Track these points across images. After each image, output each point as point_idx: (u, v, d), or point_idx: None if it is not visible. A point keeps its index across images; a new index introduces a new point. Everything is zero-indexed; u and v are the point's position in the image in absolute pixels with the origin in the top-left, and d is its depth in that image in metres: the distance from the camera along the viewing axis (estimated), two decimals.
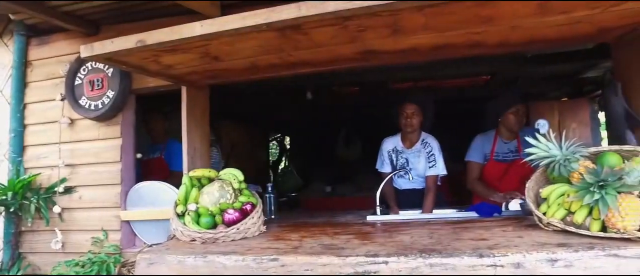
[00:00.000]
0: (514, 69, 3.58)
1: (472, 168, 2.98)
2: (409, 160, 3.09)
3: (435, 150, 3.04)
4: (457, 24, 1.74)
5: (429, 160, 3.04)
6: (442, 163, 3.04)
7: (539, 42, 2.04)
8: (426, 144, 3.08)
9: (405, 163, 3.08)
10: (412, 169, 3.04)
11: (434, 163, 3.02)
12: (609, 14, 1.71)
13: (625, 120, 2.05)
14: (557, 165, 1.84)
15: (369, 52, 2.07)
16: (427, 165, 3.04)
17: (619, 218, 1.61)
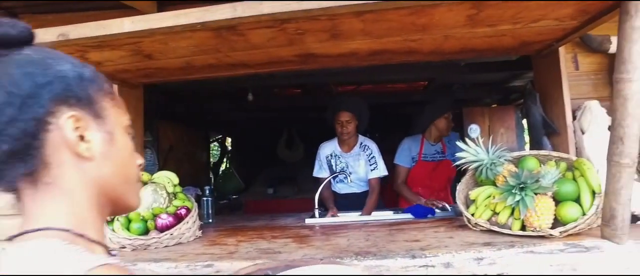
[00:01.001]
0: (450, 75, 3.75)
1: (400, 172, 3.11)
2: (349, 164, 3.14)
3: (375, 153, 3.12)
4: (394, 31, 1.79)
5: (370, 163, 3.11)
6: (383, 164, 3.13)
7: (470, 51, 2.15)
8: (365, 147, 3.15)
9: (345, 168, 3.13)
10: (353, 173, 3.10)
11: (375, 165, 3.10)
12: (529, 30, 1.84)
13: (542, 127, 2.21)
14: (484, 168, 1.95)
15: (308, 55, 2.07)
16: (369, 168, 3.11)
17: (535, 217, 1.73)
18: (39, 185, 0.55)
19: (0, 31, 0.55)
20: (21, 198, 0.56)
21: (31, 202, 0.55)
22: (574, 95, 2.21)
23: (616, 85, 1.54)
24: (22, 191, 0.55)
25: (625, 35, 1.48)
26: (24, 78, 0.54)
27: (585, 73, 2.30)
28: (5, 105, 0.53)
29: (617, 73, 1.52)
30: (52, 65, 0.57)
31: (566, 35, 1.95)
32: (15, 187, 0.55)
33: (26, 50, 0.58)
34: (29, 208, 0.55)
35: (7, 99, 0.53)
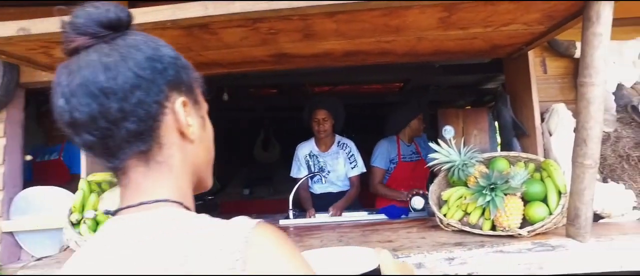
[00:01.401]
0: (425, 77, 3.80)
1: (377, 173, 3.14)
2: (327, 163, 3.14)
3: (354, 151, 3.17)
4: (368, 32, 1.79)
5: (350, 161, 3.15)
6: (362, 162, 3.19)
7: (443, 53, 2.17)
8: (344, 145, 3.17)
9: (324, 167, 3.13)
10: (331, 172, 3.11)
11: (355, 163, 3.14)
12: (500, 33, 1.87)
13: (512, 129, 2.26)
14: (456, 169, 1.98)
15: (282, 55, 2.05)
16: (349, 166, 3.14)
17: (505, 217, 1.77)
18: (152, 163, 0.60)
19: (114, 15, 0.58)
20: (128, 174, 0.60)
21: (143, 178, 0.59)
22: (542, 97, 2.27)
23: (580, 89, 1.58)
24: (133, 168, 0.59)
25: (588, 41, 1.52)
26: (147, 63, 0.58)
27: (553, 76, 2.36)
28: (135, 87, 0.57)
29: (581, 77, 1.57)
30: (163, 52, 0.62)
31: (534, 40, 2.00)
32: (124, 164, 0.59)
33: (132, 34, 0.61)
34: (139, 183, 0.59)
35: (136, 82, 0.57)
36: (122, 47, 0.58)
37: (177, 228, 0.54)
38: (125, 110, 0.56)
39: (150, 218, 0.56)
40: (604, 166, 2.10)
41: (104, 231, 0.58)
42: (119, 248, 0.54)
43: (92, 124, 0.56)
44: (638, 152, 2.02)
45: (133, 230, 0.55)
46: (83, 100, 0.55)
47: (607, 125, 2.10)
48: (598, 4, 1.48)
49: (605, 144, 2.09)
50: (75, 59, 0.58)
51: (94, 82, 0.55)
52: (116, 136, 0.57)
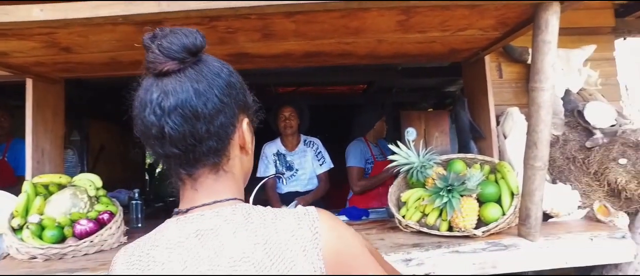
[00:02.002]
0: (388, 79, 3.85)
1: (356, 172, 3.15)
2: (296, 162, 3.14)
3: (321, 148, 3.21)
4: (328, 33, 1.79)
5: (317, 158, 3.16)
6: (329, 158, 3.22)
7: (403, 55, 2.20)
8: (311, 143, 3.19)
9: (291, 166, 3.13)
10: (300, 170, 3.11)
11: (323, 160, 3.17)
12: (457, 38, 1.92)
13: (469, 132, 2.32)
14: (415, 171, 2.00)
15: (242, 54, 2.02)
16: (317, 163, 3.15)
17: (461, 218, 1.80)
18: (220, 172, 0.70)
19: (195, 41, 0.65)
20: (199, 180, 0.69)
21: (213, 183, 0.69)
22: (498, 101, 2.34)
23: (531, 94, 1.64)
24: (204, 175, 0.69)
25: (538, 47, 1.58)
26: (227, 89, 0.68)
27: (508, 81, 2.44)
28: (219, 112, 0.66)
29: (532, 82, 1.62)
30: (234, 78, 0.72)
31: (490, 45, 2.06)
32: (197, 172, 0.69)
33: (209, 59, 0.70)
34: (211, 186, 0.69)
35: (220, 107, 0.66)
36: (206, 74, 0.67)
37: (259, 213, 0.66)
38: (210, 131, 0.66)
39: (231, 211, 0.66)
40: (553, 168, 2.19)
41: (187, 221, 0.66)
42: (223, 233, 0.63)
43: (180, 141, 0.65)
44: (583, 154, 2.11)
45: (229, 219, 0.65)
46: (177, 120, 0.64)
47: (556, 129, 2.19)
48: (546, 13, 1.54)
49: (554, 147, 2.18)
50: (168, 81, 0.65)
51: (188, 106, 0.64)
52: (198, 151, 0.67)
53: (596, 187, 2.09)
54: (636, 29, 2.76)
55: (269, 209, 0.68)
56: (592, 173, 2.09)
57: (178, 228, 0.66)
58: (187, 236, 0.64)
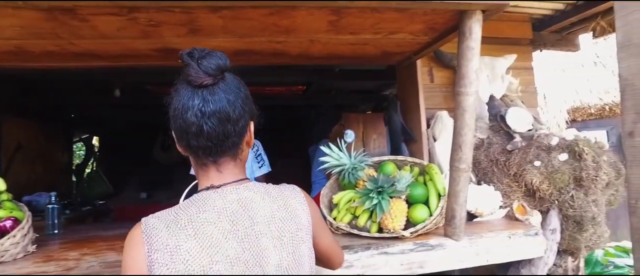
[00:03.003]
0: (326, 81, 3.85)
1: None
2: None
3: (261, 150, 3.13)
4: (257, 31, 1.74)
5: (257, 160, 3.08)
6: (268, 162, 3.14)
7: (337, 57, 2.20)
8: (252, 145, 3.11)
9: None
10: None
11: (262, 162, 3.10)
12: (389, 41, 1.94)
13: (401, 134, 2.37)
14: (346, 173, 2.00)
15: (169, 50, 1.91)
16: (256, 165, 3.07)
17: (390, 219, 1.82)
18: (237, 160, 0.93)
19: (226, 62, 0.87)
20: (222, 165, 0.91)
21: (233, 168, 0.93)
22: (429, 105, 2.41)
23: (456, 98, 1.69)
24: (225, 162, 0.91)
25: (463, 53, 1.63)
26: (245, 99, 0.91)
27: (439, 85, 2.52)
28: (241, 116, 0.89)
29: (457, 87, 1.68)
30: (247, 91, 0.93)
31: (421, 49, 2.11)
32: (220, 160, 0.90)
33: (231, 76, 0.91)
34: (231, 170, 0.92)
35: (242, 113, 0.89)
36: (232, 87, 0.89)
37: (270, 187, 0.95)
38: (235, 131, 0.89)
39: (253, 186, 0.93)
40: (478, 169, 2.29)
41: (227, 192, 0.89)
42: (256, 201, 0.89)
43: (214, 137, 0.87)
44: (504, 157, 2.23)
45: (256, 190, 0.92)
46: (214, 122, 0.86)
47: (481, 133, 2.30)
48: (470, 21, 1.60)
49: (479, 150, 2.28)
50: (206, 92, 0.85)
51: (224, 111, 0.86)
52: (224, 145, 0.89)
53: (515, 188, 2.22)
54: (550, 42, 2.98)
55: (271, 185, 0.97)
56: (512, 175, 2.21)
57: (221, 197, 0.88)
58: (232, 203, 0.87)
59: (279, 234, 0.87)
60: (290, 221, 0.90)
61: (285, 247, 0.87)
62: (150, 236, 0.81)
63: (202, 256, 0.79)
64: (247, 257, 0.83)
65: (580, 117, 5.51)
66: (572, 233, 2.14)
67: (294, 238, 0.90)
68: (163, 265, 0.79)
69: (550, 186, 2.10)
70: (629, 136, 1.01)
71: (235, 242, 0.83)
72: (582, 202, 2.08)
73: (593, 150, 2.07)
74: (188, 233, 0.81)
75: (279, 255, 0.86)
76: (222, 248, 0.81)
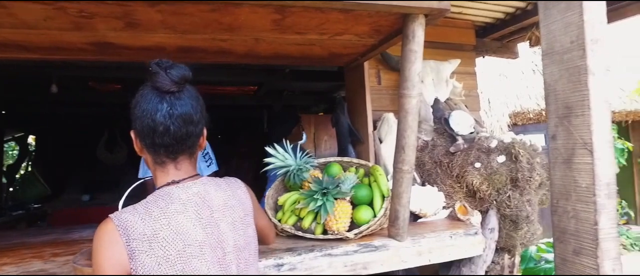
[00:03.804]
0: (276, 81, 3.81)
1: None
2: None
3: (209, 149, 3.06)
4: (200, 28, 1.68)
5: (205, 159, 3.01)
6: (215, 161, 3.08)
7: (284, 57, 2.17)
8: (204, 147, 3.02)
9: None
10: None
11: (210, 161, 3.03)
12: (335, 42, 1.94)
13: (348, 135, 2.38)
14: (292, 174, 1.98)
15: (105, 44, 1.81)
16: (204, 164, 2.99)
17: (334, 221, 1.82)
18: (192, 159, 1.07)
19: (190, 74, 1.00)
20: (180, 162, 1.04)
21: (188, 165, 1.06)
22: (376, 107, 2.44)
23: (400, 100, 1.72)
24: (183, 159, 1.05)
25: (406, 56, 1.66)
26: (203, 106, 1.05)
27: (386, 88, 2.56)
28: (200, 120, 1.04)
29: (400, 89, 1.70)
30: (202, 99, 1.06)
31: (368, 52, 2.13)
32: (179, 157, 1.04)
33: (190, 86, 1.03)
34: (188, 166, 1.06)
35: (201, 117, 1.04)
36: (193, 95, 1.02)
37: (220, 180, 1.11)
38: (195, 133, 1.03)
39: (206, 180, 1.07)
40: (423, 171, 2.34)
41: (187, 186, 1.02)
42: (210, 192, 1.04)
43: (178, 136, 0.99)
44: (447, 159, 2.30)
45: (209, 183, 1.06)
46: (180, 123, 0.99)
47: (426, 135, 2.35)
48: (413, 24, 1.62)
49: (424, 151, 2.33)
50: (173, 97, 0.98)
51: (188, 115, 1.00)
52: (185, 144, 1.02)
53: (457, 189, 2.29)
54: (492, 49, 3.11)
55: (219, 178, 1.12)
56: (454, 176, 2.28)
57: (183, 191, 1.00)
58: (193, 195, 1.01)
59: (232, 219, 1.05)
60: (239, 208, 1.08)
61: (237, 230, 1.06)
62: (127, 229, 0.91)
63: (177, 242, 0.93)
64: (211, 241, 0.99)
65: (521, 121, 5.81)
66: (509, 232, 2.24)
67: (243, 222, 1.08)
68: (143, 252, 0.91)
69: (489, 187, 2.18)
70: (552, 139, 1.05)
71: (201, 228, 0.98)
72: (518, 202, 2.18)
73: (528, 153, 2.17)
74: (162, 223, 0.94)
75: (234, 237, 1.04)
76: (191, 234, 0.96)
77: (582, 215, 1.00)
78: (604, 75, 0.96)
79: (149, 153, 1.02)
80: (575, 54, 0.97)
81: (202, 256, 0.95)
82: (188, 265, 0.93)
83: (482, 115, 5.26)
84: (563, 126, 1.02)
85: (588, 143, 0.97)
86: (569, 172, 1.02)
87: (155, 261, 0.90)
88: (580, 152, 0.99)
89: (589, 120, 0.96)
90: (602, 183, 0.96)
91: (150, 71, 0.97)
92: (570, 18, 0.97)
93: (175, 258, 0.92)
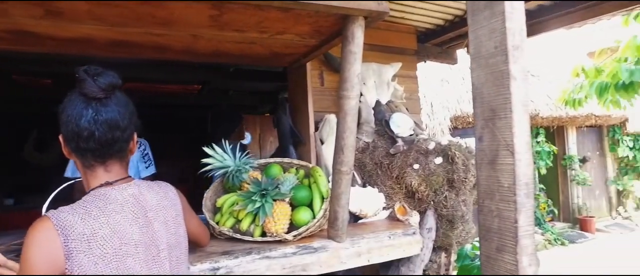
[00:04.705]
0: (219, 80, 3.72)
1: None
2: None
3: (148, 149, 2.94)
4: (132, 21, 1.59)
5: (144, 160, 2.86)
6: (154, 163, 2.95)
7: (224, 55, 2.11)
8: (139, 144, 2.87)
9: None
10: None
11: (150, 162, 2.90)
12: (276, 41, 1.91)
13: (290, 136, 2.36)
14: (230, 175, 1.93)
15: (24, 33, 1.66)
16: (143, 165, 2.84)
17: (273, 223, 1.79)
18: (123, 162, 1.12)
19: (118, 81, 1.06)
20: (111, 165, 1.08)
21: (120, 168, 1.11)
22: (319, 108, 2.44)
23: (339, 101, 1.72)
24: (114, 163, 1.09)
25: (346, 58, 1.66)
26: (132, 112, 1.11)
27: (328, 89, 2.57)
28: (128, 126, 1.09)
29: (340, 90, 1.70)
30: (133, 106, 1.13)
31: (310, 52, 2.12)
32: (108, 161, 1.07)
33: (119, 92, 1.09)
34: (117, 170, 1.10)
35: (129, 123, 1.09)
36: (122, 102, 1.07)
37: (152, 183, 1.17)
38: (123, 137, 1.08)
39: (140, 182, 1.13)
40: (364, 172, 2.37)
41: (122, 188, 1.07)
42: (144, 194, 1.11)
43: (103, 141, 1.04)
44: (388, 160, 2.34)
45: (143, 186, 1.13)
46: (105, 129, 1.03)
47: (368, 136, 2.38)
48: (353, 26, 1.63)
49: (364, 153, 2.36)
50: (99, 104, 1.03)
51: (114, 121, 1.05)
52: (112, 148, 1.06)
53: (397, 190, 2.33)
54: (433, 54, 3.23)
55: (151, 181, 1.18)
56: (394, 177, 2.32)
57: (119, 192, 1.05)
58: (129, 196, 1.05)
59: (165, 219, 1.11)
60: (171, 209, 1.15)
61: (169, 229, 1.11)
62: (65, 228, 0.93)
63: (114, 240, 0.97)
64: (146, 240, 1.04)
65: (461, 124, 6.09)
66: (445, 231, 2.32)
67: (175, 222, 1.15)
68: (81, 252, 0.93)
69: (427, 188, 2.25)
70: (478, 141, 1.09)
71: (136, 228, 1.03)
72: (454, 202, 2.26)
73: (463, 155, 2.26)
74: (101, 221, 0.97)
75: (167, 236, 1.10)
76: (128, 233, 1.00)
77: (504, 213, 1.04)
78: (524, 81, 1.01)
79: (76, 157, 1.06)
80: (499, 58, 1.01)
81: (137, 254, 1.01)
82: (123, 264, 0.97)
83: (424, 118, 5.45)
84: (488, 128, 1.06)
85: (510, 145, 1.01)
86: (493, 173, 1.06)
87: (92, 261, 0.94)
88: (503, 153, 1.03)
89: (510, 123, 1.00)
90: (521, 183, 1.01)
91: (78, 78, 1.01)
92: (495, 24, 1.01)
93: (111, 256, 0.96)
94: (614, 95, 4.30)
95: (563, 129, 7.96)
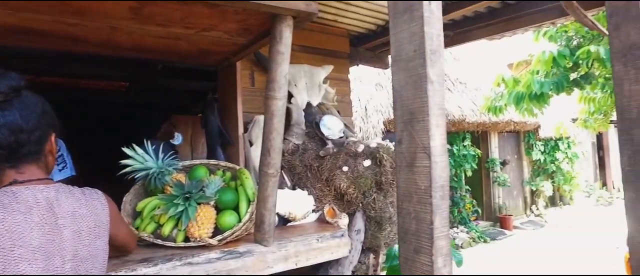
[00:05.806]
0: (146, 78, 3.53)
1: None
2: None
3: (64, 151, 2.67)
4: (41, 7, 1.45)
5: (57, 162, 2.59)
6: (72, 164, 2.72)
7: (147, 50, 1.99)
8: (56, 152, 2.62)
9: None
10: None
11: (64, 164, 2.63)
12: (203, 38, 1.84)
13: (218, 137, 2.28)
14: (153, 177, 1.82)
15: None
16: (56, 168, 2.58)
17: (196, 227, 1.71)
18: (40, 164, 1.07)
19: (19, 83, 1.01)
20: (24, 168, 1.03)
21: (36, 170, 1.05)
22: (249, 109, 2.38)
23: (266, 102, 1.68)
24: (29, 165, 1.04)
25: (273, 57, 1.63)
26: (42, 114, 1.06)
27: (259, 89, 2.51)
28: (36, 128, 1.04)
29: (267, 90, 1.67)
30: (47, 106, 1.09)
31: (239, 51, 2.06)
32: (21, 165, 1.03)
33: (27, 93, 1.04)
34: (34, 172, 1.05)
35: (37, 125, 1.04)
36: (27, 104, 1.03)
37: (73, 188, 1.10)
38: (30, 140, 1.03)
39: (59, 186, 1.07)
40: (294, 174, 2.35)
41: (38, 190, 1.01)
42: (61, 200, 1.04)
43: (5, 146, 0.99)
44: (317, 162, 2.34)
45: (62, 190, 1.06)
46: (6, 133, 0.99)
47: (298, 138, 2.37)
48: (281, 25, 1.61)
49: (294, 155, 2.34)
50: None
51: (15, 124, 1.00)
52: (20, 152, 1.03)
53: (327, 192, 2.34)
54: (365, 58, 3.29)
55: (76, 187, 1.11)
56: (324, 180, 2.32)
57: (31, 194, 0.99)
58: (40, 200, 1.00)
59: (78, 229, 1.03)
60: (89, 218, 1.07)
61: (82, 240, 1.04)
62: None
63: (5, 240, 0.91)
64: (50, 248, 0.98)
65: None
66: (374, 233, 2.36)
67: (92, 233, 1.07)
68: None
69: (356, 190, 2.27)
70: (398, 143, 1.10)
71: (40, 234, 0.97)
72: (382, 204, 2.31)
73: (391, 157, 2.31)
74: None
75: (78, 247, 1.02)
76: (26, 238, 0.94)
77: (421, 215, 1.06)
78: (441, 84, 1.04)
79: None
80: (418, 62, 1.03)
81: (35, 261, 0.95)
82: (14, 266, 0.92)
83: (358, 122, 5.57)
84: (407, 131, 1.08)
85: (427, 148, 1.03)
86: (411, 175, 1.08)
87: None
88: (420, 155, 1.06)
89: (428, 126, 1.03)
90: (437, 185, 1.03)
91: None
92: (414, 28, 1.03)
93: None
94: (528, 104, 4.71)
95: (487, 134, 8.54)
